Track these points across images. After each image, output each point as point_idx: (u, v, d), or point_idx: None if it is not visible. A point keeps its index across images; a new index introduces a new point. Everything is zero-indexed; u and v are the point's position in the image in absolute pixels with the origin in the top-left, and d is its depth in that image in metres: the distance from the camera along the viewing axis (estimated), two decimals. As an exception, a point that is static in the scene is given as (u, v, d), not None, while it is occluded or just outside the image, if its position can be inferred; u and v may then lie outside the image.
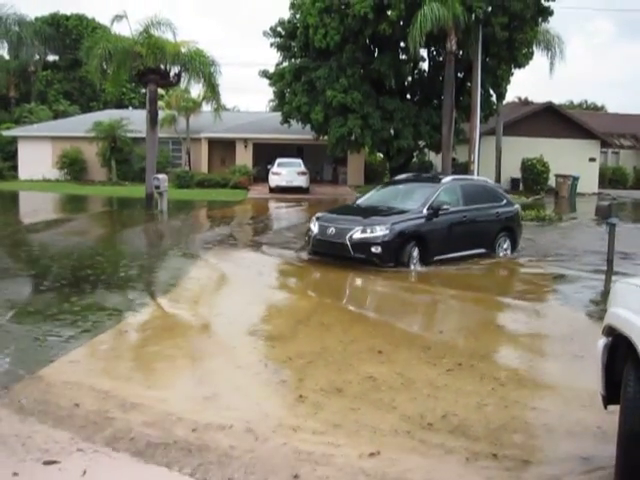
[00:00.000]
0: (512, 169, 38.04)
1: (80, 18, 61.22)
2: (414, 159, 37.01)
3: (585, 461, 4.93)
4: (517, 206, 15.61)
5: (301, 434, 5.18)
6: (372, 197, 14.96)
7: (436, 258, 13.12)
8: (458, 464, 4.79)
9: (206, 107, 41.48)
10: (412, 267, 12.72)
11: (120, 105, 57.71)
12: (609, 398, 4.51)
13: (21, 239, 17.83)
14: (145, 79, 25.60)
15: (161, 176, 23.88)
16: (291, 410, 5.75)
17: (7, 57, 55.02)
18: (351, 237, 12.56)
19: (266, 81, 34.18)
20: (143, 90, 62.30)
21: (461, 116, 31.08)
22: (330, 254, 13.17)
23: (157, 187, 23.32)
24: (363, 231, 12.52)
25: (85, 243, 17.15)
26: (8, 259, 14.27)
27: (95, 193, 33.95)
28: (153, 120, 25.48)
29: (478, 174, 27.76)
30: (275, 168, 34.55)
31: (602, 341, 4.58)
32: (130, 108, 56.25)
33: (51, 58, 60.15)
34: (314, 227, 13.45)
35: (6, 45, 46.34)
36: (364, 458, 4.80)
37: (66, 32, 60.19)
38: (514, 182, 38.55)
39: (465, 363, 7.12)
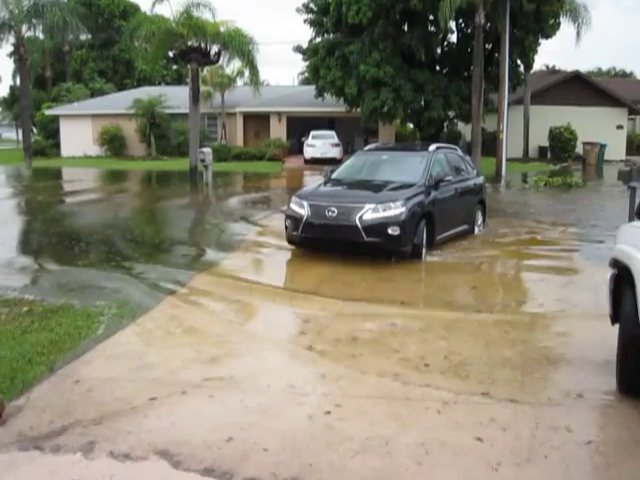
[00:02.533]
0: (540, 137, 38.90)
1: (112, -3, 62.58)
2: (444, 129, 38.03)
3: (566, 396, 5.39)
4: (482, 177, 14.53)
5: (286, 379, 5.67)
6: (349, 169, 12.69)
7: (438, 238, 11.50)
8: (423, 412, 5.05)
9: (240, 82, 42.90)
10: (423, 252, 10.80)
11: (152, 82, 59.10)
12: (615, 318, 5.79)
13: (109, 211, 19.11)
14: (187, 58, 26.86)
15: (206, 150, 25.28)
16: (293, 359, 6.44)
17: (42, 37, 56.67)
18: (361, 217, 10.20)
19: (292, 54, 35.40)
20: (175, 67, 64.05)
21: (489, 86, 31.95)
22: (329, 241, 10.66)
23: (202, 160, 24.72)
24: (375, 210, 10.26)
25: (157, 212, 19.19)
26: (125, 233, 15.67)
27: (137, 167, 35.54)
28: (195, 97, 26.77)
29: (507, 143, 28.79)
30: (309, 140, 35.88)
31: (610, 272, 5.88)
32: (162, 85, 57.63)
33: (83, 37, 61.69)
34: (302, 208, 10.80)
35: (41, 26, 47.76)
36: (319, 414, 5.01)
37: (98, 11, 61.56)
38: (542, 150, 39.46)
39: (485, 310, 8.06)
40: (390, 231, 10.20)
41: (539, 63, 67.95)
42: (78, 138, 43.30)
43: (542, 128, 38.18)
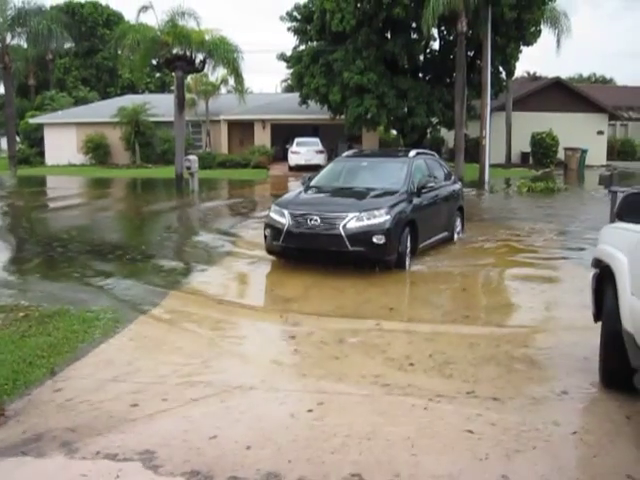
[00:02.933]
0: (522, 143, 39.35)
1: (94, 5, 62.73)
2: (427, 136, 38.39)
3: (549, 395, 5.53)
4: (460, 183, 14.49)
5: (269, 383, 5.78)
6: (328, 176, 12.38)
7: (420, 246, 11.24)
8: (404, 412, 5.16)
9: (224, 90, 43.14)
10: (407, 262, 10.54)
11: (136, 90, 59.14)
12: (598, 315, 6.02)
13: (95, 219, 19.24)
14: (172, 66, 27.05)
15: (192, 157, 25.42)
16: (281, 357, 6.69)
17: (25, 46, 56.64)
18: (345, 226, 9.92)
19: (274, 62, 35.72)
20: (158, 75, 64.10)
21: (472, 93, 32.32)
22: (312, 251, 10.33)
23: (188, 168, 24.86)
24: (359, 218, 9.98)
25: (147, 219, 19.41)
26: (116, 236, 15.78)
27: (122, 175, 35.61)
28: (180, 104, 26.96)
29: (489, 149, 29.14)
30: (294, 147, 36.12)
31: (592, 272, 6.11)
32: (146, 92, 57.69)
33: (67, 45, 61.69)
34: (282, 217, 10.44)
35: (24, 35, 47.82)
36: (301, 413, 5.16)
37: (81, 20, 61.60)
38: (524, 156, 39.91)
39: (472, 315, 8.32)
40: (375, 240, 9.90)
41: (521, 69, 68.60)
42: (62, 146, 43.27)
43: (524, 134, 38.63)
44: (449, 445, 4.56)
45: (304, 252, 10.47)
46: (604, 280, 5.73)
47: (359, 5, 30.06)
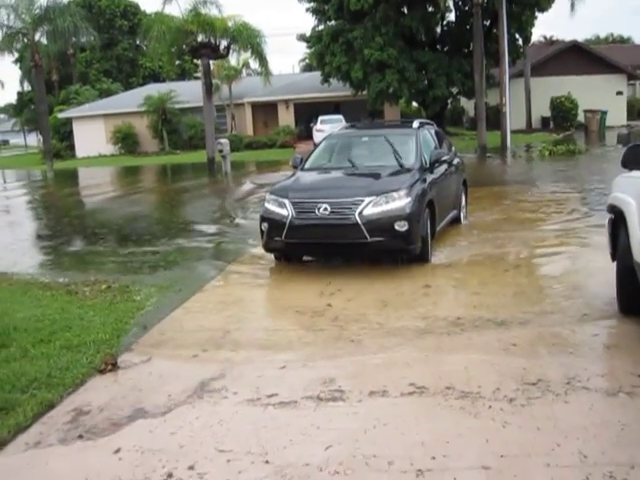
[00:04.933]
0: (542, 108, 39.85)
1: (112, -2, 63.62)
2: (448, 106, 39.06)
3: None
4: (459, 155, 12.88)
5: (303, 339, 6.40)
6: (325, 155, 10.83)
7: (437, 229, 9.83)
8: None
9: (245, 73, 44.03)
10: (429, 251, 9.20)
11: (157, 79, 60.17)
12: (614, 255, 6.92)
13: (145, 204, 20.47)
14: (198, 54, 28.04)
15: (224, 140, 26.43)
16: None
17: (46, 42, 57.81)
18: (362, 213, 8.42)
19: (290, 42, 36.54)
20: (178, 62, 65.00)
21: (490, 62, 32.94)
22: (323, 245, 8.93)
23: (220, 151, 25.87)
24: (377, 202, 8.50)
25: (193, 200, 20.29)
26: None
27: (154, 163, 36.83)
28: (208, 90, 27.97)
29: (510, 115, 29.80)
30: (318, 125, 36.92)
31: (608, 217, 7.02)
32: (167, 81, 58.68)
33: (87, 39, 62.70)
34: (282, 208, 8.87)
35: (45, 31, 48.87)
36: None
37: (99, 13, 62.60)
38: (545, 121, 40.41)
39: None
40: (397, 227, 8.43)
41: (537, 34, 68.59)
42: (91, 138, 44.52)
43: (543, 99, 39.11)
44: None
45: (312, 247, 9.12)
46: (617, 223, 6.62)
47: (376, -18, 30.77)
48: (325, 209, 8.54)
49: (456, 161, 11.98)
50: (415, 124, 10.97)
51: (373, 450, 4.14)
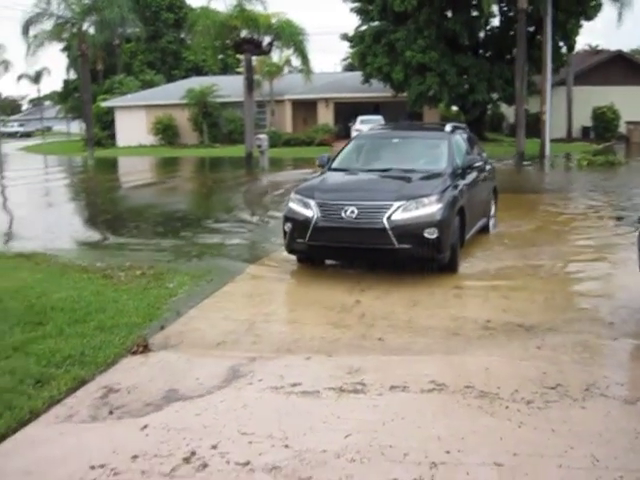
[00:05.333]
0: (583, 118, 39.46)
1: (157, -9, 64.36)
2: (488, 111, 38.90)
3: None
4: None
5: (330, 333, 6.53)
6: (353, 156, 10.41)
7: (466, 238, 9.51)
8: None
9: (286, 70, 44.29)
10: (457, 261, 8.88)
11: (199, 72, 60.72)
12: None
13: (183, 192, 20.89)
14: (241, 49, 28.35)
15: (262, 136, 26.72)
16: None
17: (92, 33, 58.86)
18: (390, 218, 8.12)
19: (333, 41, 36.70)
20: (221, 56, 65.58)
21: (532, 69, 32.75)
22: (347, 250, 8.60)
23: (259, 146, 26.15)
24: (407, 207, 8.19)
25: (229, 193, 20.49)
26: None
27: (193, 155, 37.26)
28: (250, 86, 28.29)
29: (550, 124, 29.63)
30: (357, 125, 36.96)
31: (639, 230, 7.07)
32: (209, 74, 59.20)
33: (132, 30, 63.59)
34: (307, 209, 8.59)
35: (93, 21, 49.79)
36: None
37: (146, 5, 63.37)
38: (585, 130, 40.01)
39: None
40: (426, 234, 8.10)
41: (582, 43, 68.04)
42: (133, 128, 45.09)
43: (585, 108, 38.73)
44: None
45: (336, 251, 8.80)
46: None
47: (420, -16, 30.79)
48: (352, 212, 8.22)
49: (487, 167, 11.54)
50: (448, 127, 10.63)
51: (390, 441, 4.28)
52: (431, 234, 8.13)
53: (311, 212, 8.48)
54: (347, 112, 41.40)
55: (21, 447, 4.28)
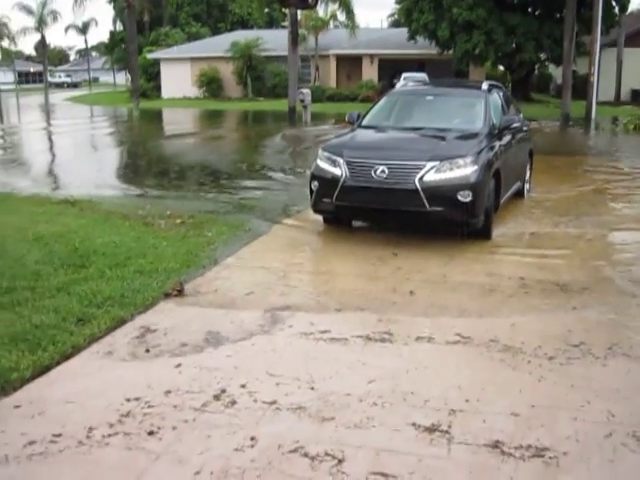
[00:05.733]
0: (633, 81, 38.58)
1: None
2: (535, 72, 38.23)
3: None
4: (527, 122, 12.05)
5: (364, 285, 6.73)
6: (384, 113, 9.97)
7: (501, 202, 9.13)
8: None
9: (332, 25, 43.94)
10: (491, 226, 8.53)
11: (245, 26, 60.49)
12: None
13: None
14: (286, 3, 28.18)
15: (305, 91, 26.72)
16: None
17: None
18: (423, 179, 7.71)
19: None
20: (266, 9, 65.21)
21: (582, 29, 32.03)
22: (377, 211, 8.20)
23: (302, 100, 26.18)
24: (440, 168, 7.77)
25: (271, 146, 20.99)
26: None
27: (237, 108, 37.55)
28: (294, 40, 28.16)
29: (598, 86, 28.99)
30: (402, 82, 36.73)
31: None
32: (254, 28, 58.97)
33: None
34: (335, 167, 8.20)
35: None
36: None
37: (191, -46, 63.08)
38: (635, 94, 39.14)
39: None
40: (460, 197, 7.69)
41: (637, 2, 66.09)
42: (177, 80, 45.39)
43: (636, 71, 37.85)
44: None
45: (365, 212, 8.47)
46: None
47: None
48: (382, 172, 7.79)
49: (524, 129, 11.06)
50: (484, 86, 10.09)
51: (412, 388, 4.44)
52: (465, 197, 7.70)
53: (339, 170, 8.09)
54: (392, 69, 41.08)
55: (63, 378, 4.54)
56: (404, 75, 37.17)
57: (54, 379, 4.52)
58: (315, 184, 8.46)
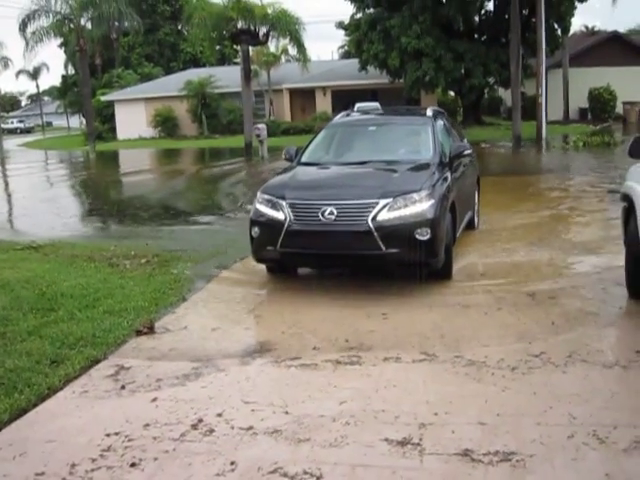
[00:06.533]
0: (580, 99, 39.61)
1: (154, -17, 64.57)
2: (485, 96, 39.12)
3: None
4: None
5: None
6: (325, 146, 9.22)
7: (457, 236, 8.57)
8: None
9: (284, 59, 44.56)
10: (452, 266, 7.91)
11: (197, 64, 60.91)
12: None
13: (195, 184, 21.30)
14: (238, 40, 28.63)
15: (261, 125, 27.00)
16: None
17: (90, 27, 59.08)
18: (376, 218, 7.04)
19: (329, 29, 36.96)
20: (217, 47, 65.79)
21: (528, 51, 32.90)
22: (327, 256, 7.45)
23: (258, 135, 26.44)
24: (393, 205, 7.10)
25: (228, 183, 20.96)
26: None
27: (193, 146, 37.69)
28: (247, 76, 28.56)
29: (547, 106, 29.79)
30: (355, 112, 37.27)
31: (622, 205, 7.37)
32: (207, 66, 59.42)
33: (127, 24, 63.73)
34: (278, 210, 7.42)
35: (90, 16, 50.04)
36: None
37: (142, -3, 63.52)
38: (582, 112, 40.19)
39: None
40: (418, 236, 7.05)
41: (579, 23, 68.08)
42: (132, 121, 45.41)
43: (582, 90, 38.85)
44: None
45: (313, 258, 7.65)
46: (630, 211, 6.97)
47: (414, -29, 31.03)
48: (331, 213, 7.07)
49: (470, 154, 9.79)
50: (429, 112, 9.42)
51: (382, 406, 4.62)
52: (423, 235, 7.07)
53: (282, 214, 7.31)
54: (345, 99, 41.48)
55: (42, 419, 4.61)
56: (357, 105, 37.65)
57: (33, 420, 4.59)
58: (255, 230, 7.63)
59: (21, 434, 4.40)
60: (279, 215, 7.34)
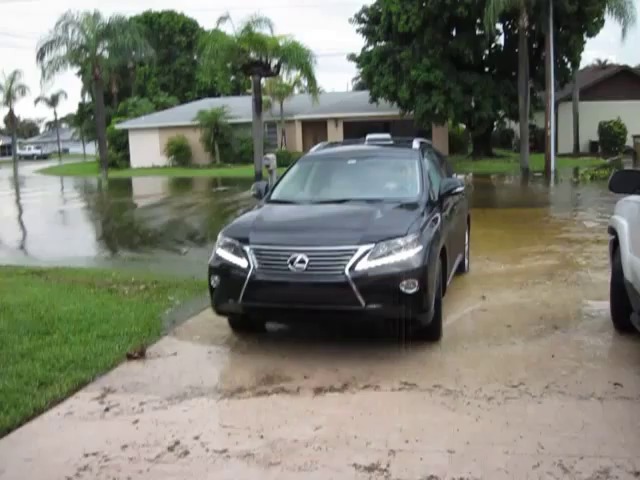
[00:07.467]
0: (590, 133, 39.85)
1: (171, 15, 66.03)
2: (494, 128, 39.39)
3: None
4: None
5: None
6: (298, 182, 8.18)
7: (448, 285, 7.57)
8: None
9: (296, 90, 45.10)
10: (441, 322, 6.74)
11: (212, 93, 61.75)
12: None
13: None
14: (249, 71, 29.08)
15: (270, 156, 27.13)
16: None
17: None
18: (354, 268, 5.96)
19: (346, 61, 37.28)
20: (232, 77, 66.66)
21: (537, 85, 33.31)
22: (296, 312, 6.38)
23: (267, 166, 26.60)
24: (375, 253, 6.04)
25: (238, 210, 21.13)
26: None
27: (205, 175, 38.11)
28: (258, 107, 28.97)
29: (557, 139, 30.03)
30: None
31: (610, 238, 7.49)
32: (221, 96, 60.18)
33: (143, 54, 64.91)
34: (241, 257, 6.32)
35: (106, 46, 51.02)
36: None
37: (159, 28, 64.76)
38: (592, 145, 40.40)
39: None
40: (403, 288, 5.96)
41: (591, 57, 68.51)
42: (146, 150, 46.05)
43: (592, 123, 39.11)
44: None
45: (281, 313, 6.59)
46: (616, 244, 7.10)
47: (424, 5, 31.51)
48: (301, 261, 6.02)
49: (462, 191, 8.34)
50: (415, 144, 8.37)
51: (355, 433, 4.73)
52: (410, 288, 5.98)
53: (245, 261, 6.25)
54: (356, 131, 41.87)
55: (24, 439, 4.77)
56: (368, 137, 37.98)
57: (15, 440, 4.75)
58: (215, 280, 6.53)
59: (2, 453, 4.56)
60: (242, 262, 6.27)
